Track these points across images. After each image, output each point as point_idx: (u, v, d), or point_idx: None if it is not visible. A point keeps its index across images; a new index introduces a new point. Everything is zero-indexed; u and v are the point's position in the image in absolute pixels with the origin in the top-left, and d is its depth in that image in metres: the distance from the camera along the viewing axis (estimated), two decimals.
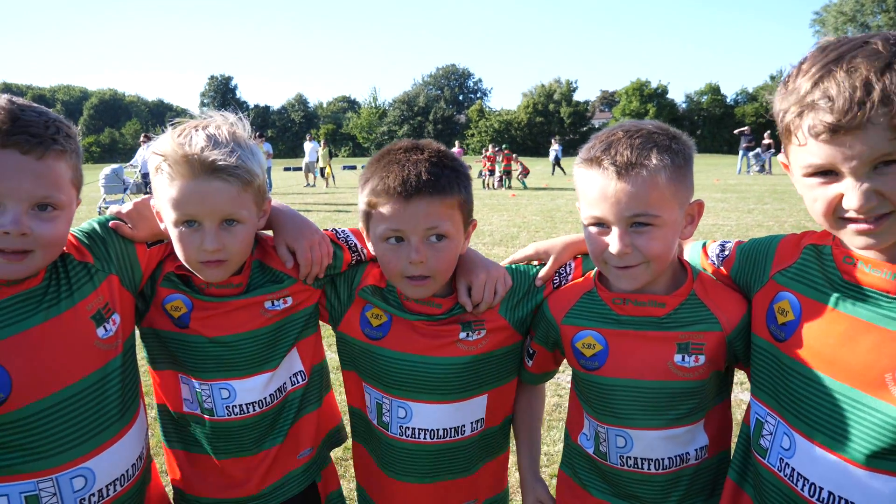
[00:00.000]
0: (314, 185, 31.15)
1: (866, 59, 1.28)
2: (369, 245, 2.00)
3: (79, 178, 1.71)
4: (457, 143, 39.91)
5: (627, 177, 1.65)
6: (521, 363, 2.12)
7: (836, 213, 1.41)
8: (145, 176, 19.98)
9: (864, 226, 1.38)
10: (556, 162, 37.54)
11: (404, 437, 2.02)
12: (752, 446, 1.69)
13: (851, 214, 1.38)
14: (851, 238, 1.43)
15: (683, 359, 1.77)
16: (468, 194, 1.93)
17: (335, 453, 3.34)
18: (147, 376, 2.10)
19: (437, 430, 2.01)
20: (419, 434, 2.02)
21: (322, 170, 31.77)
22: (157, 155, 1.77)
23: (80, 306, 1.73)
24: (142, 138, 21.47)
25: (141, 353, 1.99)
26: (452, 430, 2.03)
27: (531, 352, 2.07)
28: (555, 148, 38.31)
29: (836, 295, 1.52)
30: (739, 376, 2.00)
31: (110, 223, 1.88)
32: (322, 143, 33.59)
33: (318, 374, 2.18)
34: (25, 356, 1.61)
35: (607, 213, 1.69)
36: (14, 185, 1.53)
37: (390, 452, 2.07)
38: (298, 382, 2.10)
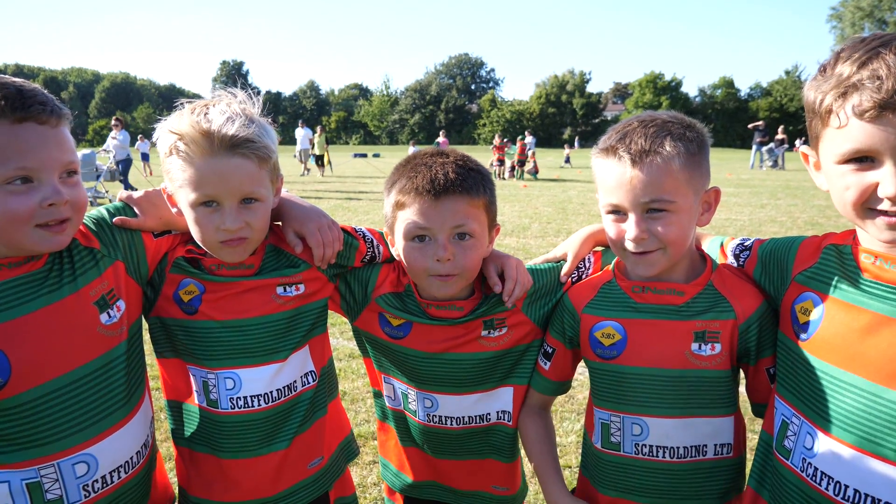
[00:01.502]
0: (307, 173, 30.46)
1: None
2: (392, 250, 2.02)
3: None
4: (441, 133, 39.23)
5: (642, 164, 1.68)
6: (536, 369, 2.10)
7: (866, 203, 1.39)
8: (119, 163, 19.59)
9: (894, 219, 1.35)
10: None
11: (432, 423, 2.10)
12: (776, 448, 1.68)
13: (884, 206, 1.35)
14: (879, 230, 1.40)
15: (700, 347, 1.79)
16: (493, 197, 1.98)
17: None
18: (155, 367, 2.07)
19: (463, 417, 2.09)
20: (446, 421, 2.09)
21: (319, 157, 30.87)
22: (172, 134, 1.74)
23: (84, 291, 1.71)
24: (113, 121, 20.51)
25: (149, 344, 1.97)
26: (478, 417, 2.10)
27: (549, 350, 2.05)
28: (529, 139, 39.19)
29: (856, 292, 1.51)
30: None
31: (114, 219, 1.86)
32: (318, 129, 32.18)
33: (326, 376, 2.14)
34: (25, 341, 1.59)
35: (623, 199, 1.73)
36: (44, 156, 1.55)
37: (419, 434, 2.14)
38: (310, 383, 2.06)
